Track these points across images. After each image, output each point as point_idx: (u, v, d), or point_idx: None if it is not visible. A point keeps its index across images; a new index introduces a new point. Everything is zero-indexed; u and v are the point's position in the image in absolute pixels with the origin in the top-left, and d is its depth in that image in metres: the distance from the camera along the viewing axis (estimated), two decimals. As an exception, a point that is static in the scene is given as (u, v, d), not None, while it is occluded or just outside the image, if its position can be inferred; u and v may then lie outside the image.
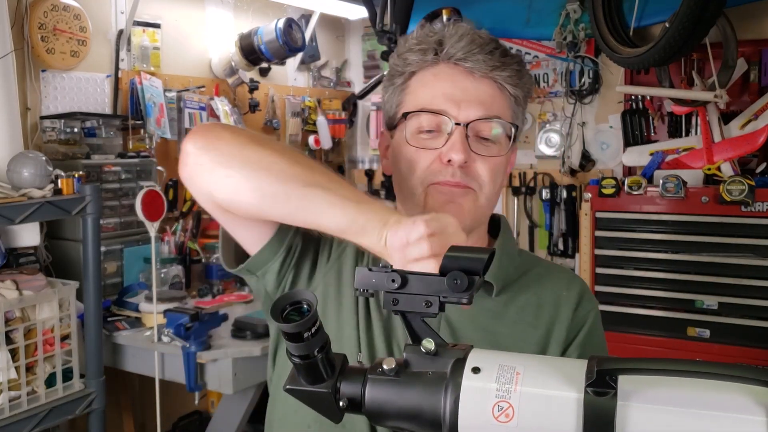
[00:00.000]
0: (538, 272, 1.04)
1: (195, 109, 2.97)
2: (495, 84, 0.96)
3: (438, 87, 0.95)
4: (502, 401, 0.56)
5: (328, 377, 0.63)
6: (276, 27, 2.98)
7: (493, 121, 0.95)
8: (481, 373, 0.57)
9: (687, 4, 2.28)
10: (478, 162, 0.94)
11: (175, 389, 2.35)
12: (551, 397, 0.55)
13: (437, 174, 0.94)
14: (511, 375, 0.57)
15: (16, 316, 1.78)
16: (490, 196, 0.97)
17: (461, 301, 0.62)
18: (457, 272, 0.62)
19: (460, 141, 0.92)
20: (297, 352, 0.61)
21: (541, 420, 0.55)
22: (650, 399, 0.53)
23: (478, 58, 0.94)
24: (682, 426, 0.52)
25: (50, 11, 2.41)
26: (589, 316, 1.02)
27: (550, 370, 0.57)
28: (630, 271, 2.73)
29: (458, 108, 0.94)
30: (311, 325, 0.61)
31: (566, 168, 3.25)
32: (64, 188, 1.90)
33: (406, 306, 0.63)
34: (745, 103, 2.76)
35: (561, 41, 3.17)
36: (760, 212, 2.45)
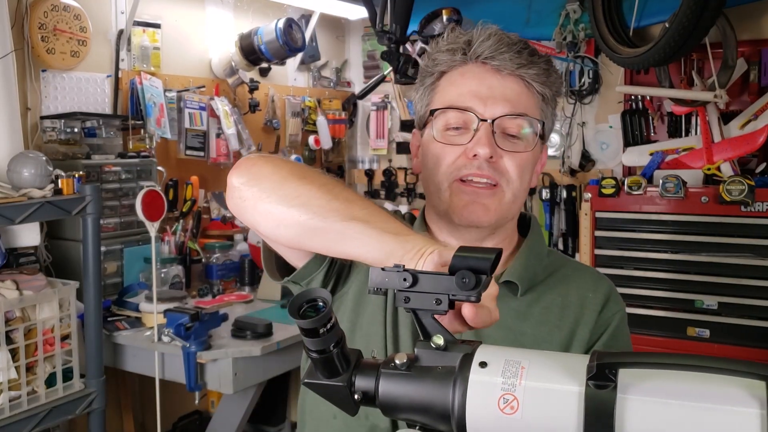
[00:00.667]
0: (566, 273, 1.05)
1: (195, 109, 2.97)
2: (522, 82, 0.97)
3: (465, 85, 0.97)
4: (507, 394, 0.58)
5: (344, 371, 0.66)
6: (276, 27, 2.99)
7: (519, 118, 0.96)
8: (488, 367, 0.60)
9: (687, 4, 2.28)
10: (505, 158, 0.96)
11: (175, 389, 2.36)
12: (554, 391, 0.57)
13: (462, 168, 0.95)
14: (516, 369, 0.59)
15: (16, 316, 1.79)
16: (518, 192, 0.98)
17: (470, 299, 0.65)
18: (466, 271, 0.64)
19: (486, 136, 0.94)
20: (313, 347, 0.64)
21: (544, 412, 0.57)
22: (649, 392, 0.55)
23: (505, 57, 0.96)
24: (679, 417, 0.54)
25: (50, 11, 2.41)
26: (614, 319, 1.02)
27: (554, 364, 0.59)
28: (630, 271, 2.73)
29: (485, 105, 0.95)
30: (326, 321, 0.64)
31: (566, 168, 3.25)
32: (64, 188, 1.90)
33: (417, 304, 0.66)
34: (744, 103, 2.76)
35: (561, 41, 3.17)
36: (760, 212, 2.45)
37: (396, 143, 3.82)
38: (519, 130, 0.97)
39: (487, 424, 0.59)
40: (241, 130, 3.17)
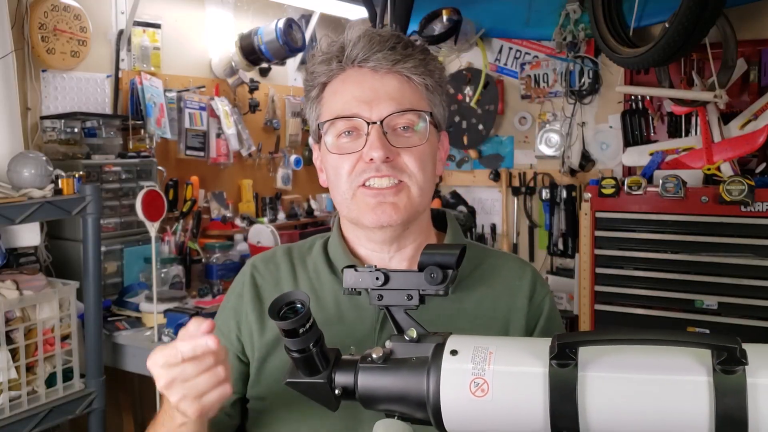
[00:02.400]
0: (490, 263, 1.06)
1: (195, 109, 2.97)
2: (401, 77, 0.97)
3: (347, 92, 0.97)
4: (478, 378, 0.63)
5: (324, 369, 0.70)
6: (276, 27, 2.99)
7: (407, 113, 0.96)
8: (459, 354, 0.64)
9: (687, 4, 2.28)
10: (402, 154, 0.96)
11: (175, 389, 2.35)
12: (520, 372, 0.62)
13: (363, 173, 0.95)
14: (485, 355, 0.64)
15: (16, 316, 1.79)
16: (423, 184, 0.97)
17: (438, 293, 0.70)
18: (433, 267, 0.70)
19: (378, 138, 0.94)
20: (294, 347, 0.68)
21: (513, 392, 0.62)
22: (607, 367, 0.60)
23: (379, 56, 0.96)
24: (635, 389, 0.59)
25: (50, 11, 2.41)
26: (545, 302, 1.05)
27: (519, 348, 0.64)
28: (630, 271, 2.73)
29: (370, 108, 0.95)
30: (305, 321, 0.68)
31: (566, 168, 3.25)
32: (64, 188, 1.90)
33: (390, 300, 0.71)
34: (744, 103, 2.76)
35: (561, 41, 3.17)
36: (760, 212, 2.45)
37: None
38: (410, 125, 0.97)
39: (461, 408, 0.63)
40: (241, 130, 3.17)
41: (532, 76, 3.41)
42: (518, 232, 3.47)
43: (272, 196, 3.41)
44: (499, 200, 3.51)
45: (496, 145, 3.53)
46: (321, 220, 3.57)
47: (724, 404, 0.56)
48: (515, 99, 3.47)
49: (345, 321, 0.99)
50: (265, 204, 3.36)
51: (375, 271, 0.71)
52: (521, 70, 3.43)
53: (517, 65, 3.44)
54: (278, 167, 3.47)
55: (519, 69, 3.43)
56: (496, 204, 3.52)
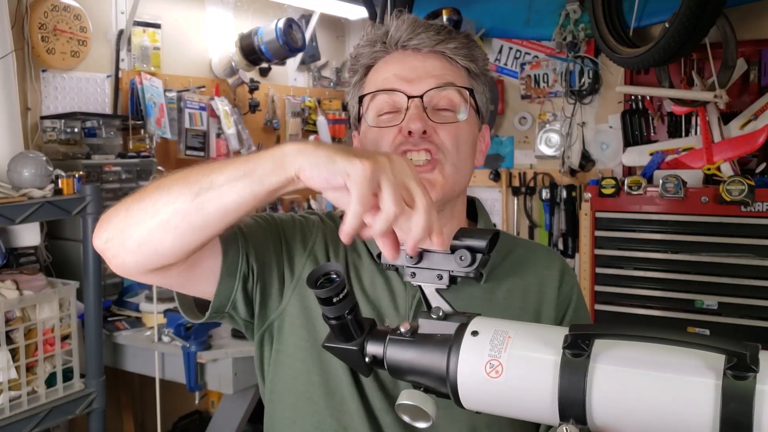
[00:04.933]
0: (519, 253, 1.06)
1: (195, 109, 2.97)
2: (444, 57, 0.98)
3: (389, 70, 0.98)
4: (494, 360, 0.65)
5: (357, 337, 0.73)
6: (276, 27, 2.99)
7: (447, 89, 0.96)
8: (479, 336, 0.67)
9: (687, 4, 2.29)
10: (440, 130, 0.95)
11: (175, 389, 2.36)
12: (534, 358, 0.64)
13: (402, 145, 0.94)
14: (504, 338, 0.66)
15: (16, 316, 1.79)
16: (458, 164, 0.96)
17: (468, 275, 0.73)
18: (463, 250, 0.72)
19: (417, 112, 0.93)
20: (330, 314, 0.72)
21: (525, 377, 0.64)
22: (617, 360, 0.61)
23: (422, 36, 0.97)
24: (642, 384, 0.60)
25: (50, 11, 2.41)
26: (573, 292, 1.05)
27: (537, 335, 0.66)
28: (630, 271, 2.73)
29: (411, 84, 0.95)
30: (340, 291, 0.71)
31: (566, 168, 3.25)
32: (64, 188, 1.90)
33: (422, 278, 0.74)
34: (744, 103, 2.76)
35: (561, 41, 3.17)
36: (760, 212, 2.45)
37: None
38: (450, 107, 0.97)
39: (476, 387, 0.66)
40: (241, 130, 3.17)
41: (532, 76, 3.41)
42: (518, 232, 3.47)
43: (272, 196, 3.41)
44: (499, 200, 3.51)
45: (496, 145, 3.53)
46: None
47: (730, 409, 0.56)
48: (515, 99, 3.47)
49: (380, 303, 0.98)
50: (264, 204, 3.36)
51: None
52: (521, 70, 3.43)
53: (517, 65, 3.44)
54: (278, 167, 3.47)
55: (519, 69, 3.43)
56: (497, 204, 3.52)
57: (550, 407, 0.63)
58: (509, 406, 0.66)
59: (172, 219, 0.77)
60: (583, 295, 1.11)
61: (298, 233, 1.01)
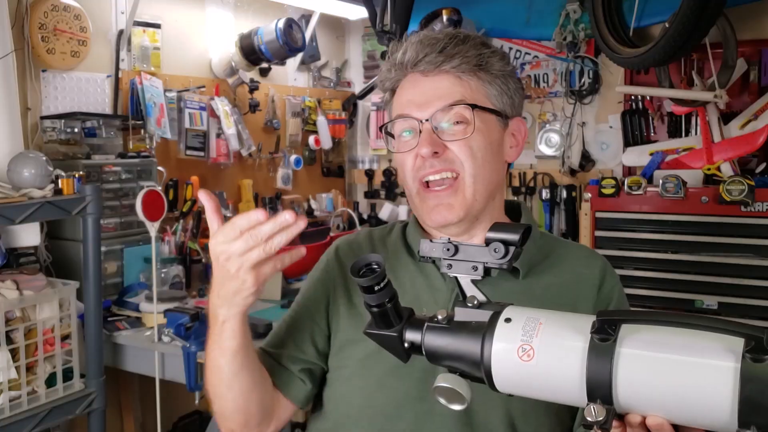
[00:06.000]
0: (559, 253, 1.12)
1: (195, 109, 2.97)
2: (451, 75, 1.04)
3: (404, 96, 1.08)
4: (526, 344, 0.70)
5: (396, 324, 0.79)
6: (276, 27, 2.98)
7: (454, 107, 1.03)
8: (512, 323, 0.72)
9: (687, 4, 2.28)
10: (452, 146, 1.03)
11: (175, 389, 2.35)
12: (563, 343, 0.69)
13: (420, 170, 1.04)
14: (535, 325, 0.71)
15: (16, 316, 1.79)
16: (475, 172, 1.03)
17: (501, 267, 0.78)
18: (497, 243, 0.78)
19: (427, 136, 1.02)
20: (372, 302, 0.78)
21: (555, 360, 0.69)
22: (641, 344, 0.66)
23: (427, 59, 1.04)
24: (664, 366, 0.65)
25: (50, 11, 2.41)
26: (614, 292, 1.10)
27: (567, 321, 0.71)
28: (630, 271, 2.73)
29: (420, 108, 1.04)
30: (380, 280, 0.78)
31: (566, 168, 3.25)
32: (64, 188, 1.90)
33: (458, 270, 0.80)
34: (744, 103, 2.76)
35: (561, 41, 3.17)
36: (760, 212, 2.45)
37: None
38: (461, 120, 1.03)
39: (509, 370, 0.71)
40: (241, 130, 3.17)
41: (532, 76, 3.41)
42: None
43: (272, 196, 3.41)
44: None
45: (496, 145, 3.52)
46: (321, 221, 3.57)
47: (748, 390, 0.59)
48: (515, 99, 3.46)
49: (420, 300, 1.04)
50: (265, 204, 3.36)
51: (447, 243, 0.81)
52: (521, 70, 3.43)
53: (517, 65, 3.44)
54: (278, 167, 3.47)
55: (519, 69, 3.43)
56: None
57: (578, 389, 0.67)
58: (540, 388, 0.71)
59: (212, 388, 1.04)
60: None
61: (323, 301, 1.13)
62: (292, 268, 2.78)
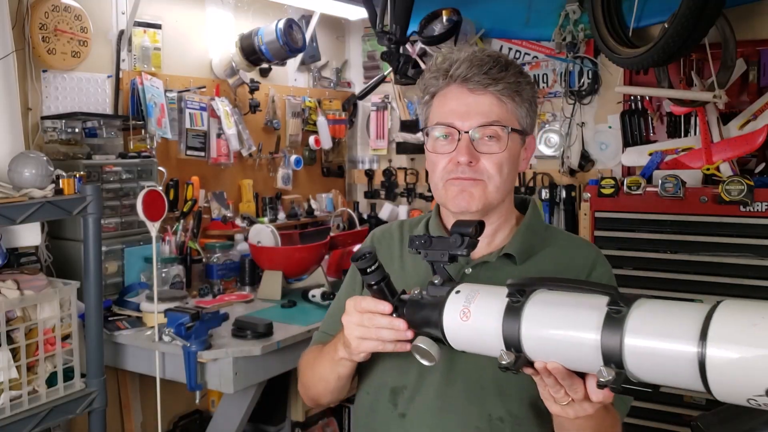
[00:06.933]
0: (559, 243, 1.30)
1: (196, 109, 2.97)
2: (492, 96, 1.20)
3: (448, 105, 1.23)
4: (465, 308, 0.94)
5: (390, 299, 1.04)
6: (276, 27, 2.99)
7: (492, 126, 1.20)
8: (459, 294, 0.96)
9: (686, 4, 2.29)
10: (484, 159, 1.20)
11: (175, 388, 2.36)
12: (490, 307, 0.91)
13: (451, 172, 1.22)
14: (475, 294, 0.95)
15: (17, 315, 1.79)
16: (499, 184, 1.22)
17: (461, 254, 1.00)
18: (456, 235, 1.01)
19: (465, 146, 1.19)
20: (367, 281, 1.04)
21: (482, 319, 0.92)
22: (540, 303, 0.88)
23: (476, 79, 1.19)
24: (555, 318, 0.86)
25: (51, 12, 2.42)
26: (603, 279, 1.25)
27: (498, 291, 0.93)
28: (629, 270, 2.73)
29: (462, 120, 1.20)
30: (371, 264, 1.02)
31: (565, 168, 3.25)
32: (65, 188, 1.90)
33: (432, 257, 1.02)
34: (744, 103, 2.76)
35: (560, 42, 3.17)
36: (759, 212, 2.45)
37: (396, 143, 3.82)
38: (494, 135, 1.20)
39: (454, 329, 0.95)
40: (241, 130, 3.18)
41: (531, 76, 3.41)
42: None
43: (272, 196, 3.42)
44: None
45: (496, 145, 3.52)
46: (321, 220, 3.58)
47: (608, 333, 0.80)
48: (515, 99, 3.47)
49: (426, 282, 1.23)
50: (265, 204, 3.36)
51: (425, 236, 1.03)
52: (521, 70, 3.43)
53: (516, 65, 3.44)
54: (278, 167, 3.48)
55: (519, 69, 3.43)
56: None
57: (499, 341, 0.89)
58: (475, 342, 0.94)
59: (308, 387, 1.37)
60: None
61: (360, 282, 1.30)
62: (292, 269, 2.79)
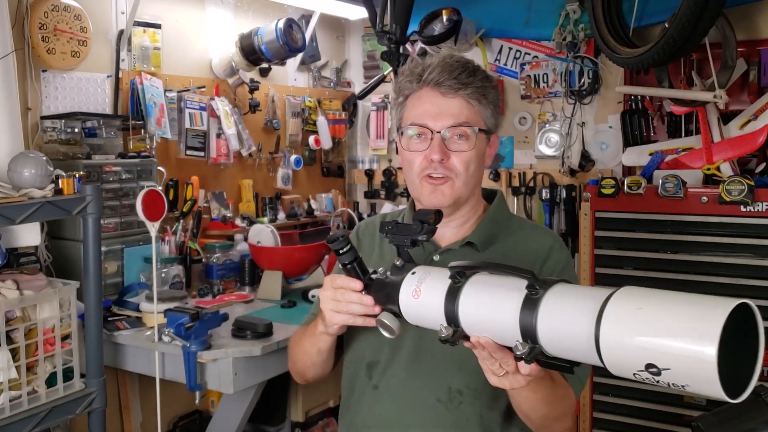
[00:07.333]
0: (521, 232, 1.43)
1: (195, 109, 2.97)
2: (462, 99, 1.33)
3: (421, 107, 1.35)
4: (417, 287, 1.07)
5: (361, 278, 1.18)
6: (276, 27, 2.99)
7: (461, 127, 1.33)
8: (415, 275, 1.09)
9: (686, 4, 2.29)
10: (453, 157, 1.33)
11: (175, 389, 2.36)
12: (437, 285, 1.04)
13: (426, 169, 1.34)
14: (426, 276, 1.08)
15: (16, 315, 1.79)
16: (467, 180, 1.35)
17: (421, 239, 1.15)
18: (417, 222, 1.16)
19: (437, 144, 1.32)
20: (341, 261, 1.18)
21: (429, 297, 1.04)
22: (475, 283, 1.01)
23: (448, 84, 1.32)
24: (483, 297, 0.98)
25: (51, 11, 2.41)
26: (559, 265, 1.38)
27: (445, 273, 1.04)
28: (630, 270, 2.73)
29: (435, 121, 1.33)
30: (343, 245, 1.17)
31: (566, 168, 3.25)
32: (64, 188, 1.90)
33: (397, 241, 1.17)
34: (744, 103, 2.76)
35: (561, 41, 3.17)
36: (760, 212, 2.45)
37: (396, 143, 3.81)
38: (464, 132, 1.33)
39: (408, 305, 1.08)
40: (241, 130, 3.17)
41: (531, 76, 3.41)
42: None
43: (272, 196, 3.42)
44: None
45: (496, 145, 3.52)
46: (321, 220, 3.57)
47: (525, 312, 0.91)
48: (515, 99, 3.47)
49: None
50: (265, 204, 3.36)
51: (391, 222, 1.20)
52: (521, 70, 3.43)
53: (516, 65, 3.45)
54: (278, 167, 3.48)
55: (519, 69, 3.44)
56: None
57: (441, 316, 1.01)
58: (424, 317, 1.06)
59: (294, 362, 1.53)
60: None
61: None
62: (292, 269, 2.79)
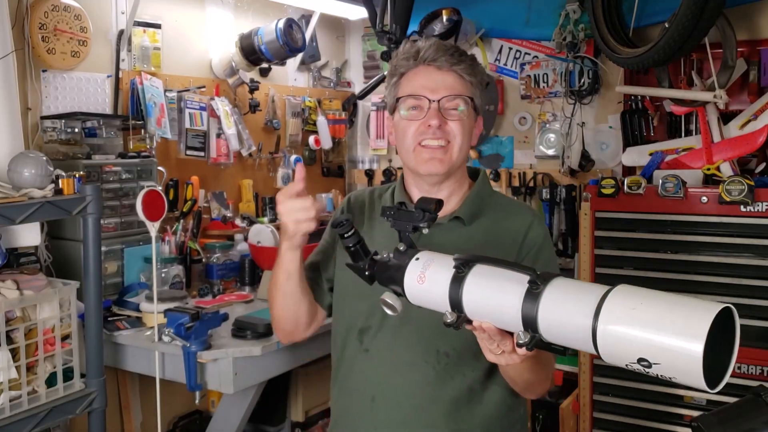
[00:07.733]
0: (503, 208, 1.51)
1: (195, 109, 2.97)
2: (455, 74, 1.43)
3: (418, 81, 1.44)
4: (422, 273, 1.10)
5: (363, 260, 1.22)
6: (276, 27, 2.99)
7: (457, 98, 1.43)
8: (419, 260, 1.12)
9: (687, 4, 2.29)
10: (450, 123, 1.42)
11: (175, 389, 2.36)
12: (441, 273, 1.07)
13: (423, 134, 1.42)
14: (430, 263, 1.11)
15: (16, 315, 1.79)
16: (462, 146, 1.44)
17: (422, 227, 1.17)
18: (419, 210, 1.18)
19: (435, 111, 1.41)
20: (345, 243, 1.23)
21: (434, 283, 1.08)
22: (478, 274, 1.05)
23: (443, 58, 1.42)
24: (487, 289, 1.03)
25: (51, 11, 2.42)
26: (538, 239, 1.46)
27: (447, 261, 1.08)
28: (630, 271, 2.73)
29: (432, 92, 1.42)
30: (348, 230, 1.22)
31: (566, 168, 3.25)
32: (64, 188, 1.90)
33: (399, 226, 1.19)
34: (744, 103, 2.76)
35: (561, 41, 3.17)
36: (760, 212, 2.45)
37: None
38: (457, 105, 1.42)
39: (413, 290, 1.12)
40: (241, 130, 3.17)
41: (531, 76, 3.41)
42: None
43: (272, 196, 3.41)
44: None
45: (496, 146, 3.53)
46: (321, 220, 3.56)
47: (527, 304, 0.96)
48: (515, 99, 3.47)
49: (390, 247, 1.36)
50: (265, 204, 3.36)
51: (394, 207, 1.21)
52: (521, 70, 3.43)
53: (516, 65, 3.45)
54: (278, 167, 3.47)
55: (519, 69, 3.44)
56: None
57: (445, 302, 1.06)
58: (429, 301, 1.10)
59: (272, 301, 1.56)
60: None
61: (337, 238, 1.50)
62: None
